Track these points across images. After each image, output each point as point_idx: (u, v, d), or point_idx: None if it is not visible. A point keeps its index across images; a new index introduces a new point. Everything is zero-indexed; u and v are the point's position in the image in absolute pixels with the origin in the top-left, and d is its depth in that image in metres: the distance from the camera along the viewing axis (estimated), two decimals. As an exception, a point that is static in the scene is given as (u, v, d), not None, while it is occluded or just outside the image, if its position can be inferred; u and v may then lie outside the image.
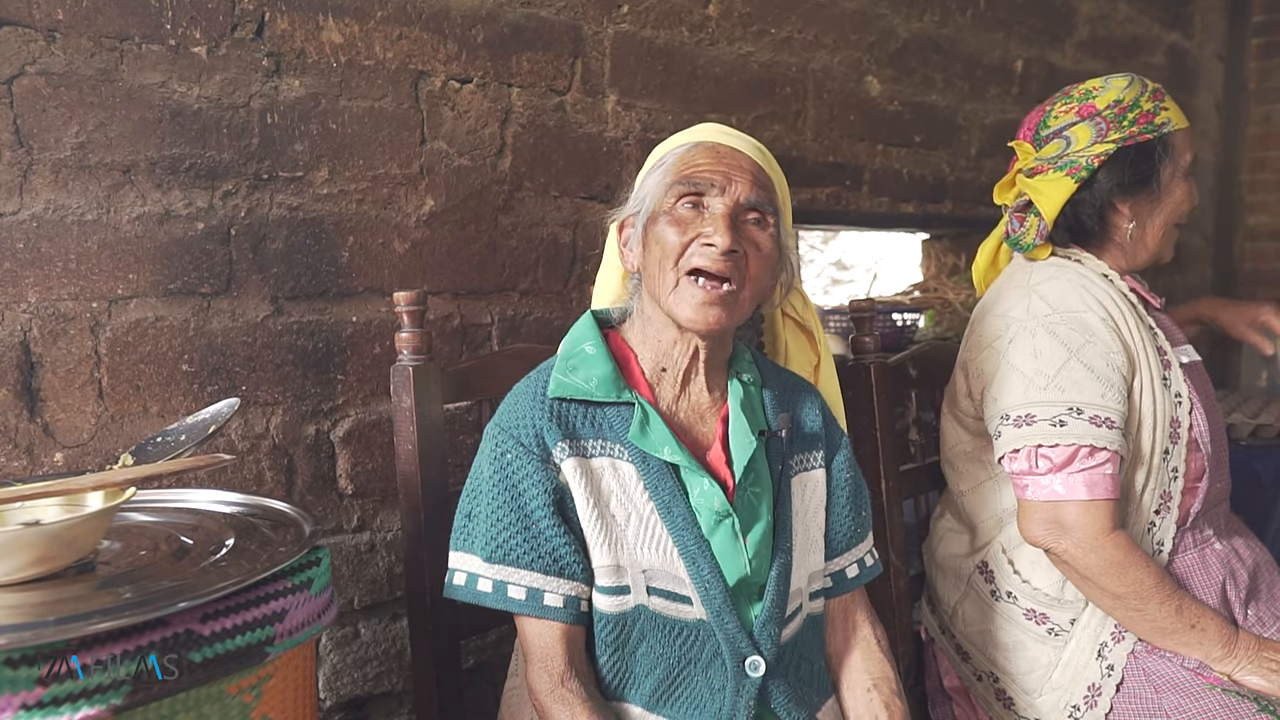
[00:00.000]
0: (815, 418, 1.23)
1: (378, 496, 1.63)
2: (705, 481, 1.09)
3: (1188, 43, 3.76)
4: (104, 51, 1.32)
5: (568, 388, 1.10)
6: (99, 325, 1.35)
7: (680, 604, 1.08)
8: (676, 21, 2.01)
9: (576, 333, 1.17)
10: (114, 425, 1.36)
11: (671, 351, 1.15)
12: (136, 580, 0.95)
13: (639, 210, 1.14)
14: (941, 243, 3.13)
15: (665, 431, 1.10)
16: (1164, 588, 1.38)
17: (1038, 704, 1.45)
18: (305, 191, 1.52)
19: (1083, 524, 1.36)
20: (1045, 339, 1.43)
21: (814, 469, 1.21)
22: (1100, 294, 1.47)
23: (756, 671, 1.09)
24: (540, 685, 1.06)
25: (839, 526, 1.22)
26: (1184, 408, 1.48)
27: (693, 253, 1.07)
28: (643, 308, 1.17)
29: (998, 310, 1.52)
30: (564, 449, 1.08)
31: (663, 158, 1.15)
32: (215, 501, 1.21)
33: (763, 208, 1.10)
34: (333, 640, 1.59)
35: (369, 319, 1.60)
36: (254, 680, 0.94)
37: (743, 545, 1.09)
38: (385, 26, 1.58)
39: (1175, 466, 1.47)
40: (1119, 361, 1.42)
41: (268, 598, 0.95)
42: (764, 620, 1.10)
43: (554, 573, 1.07)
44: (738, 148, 1.12)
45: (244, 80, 1.44)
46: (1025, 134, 1.60)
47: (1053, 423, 1.39)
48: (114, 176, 1.34)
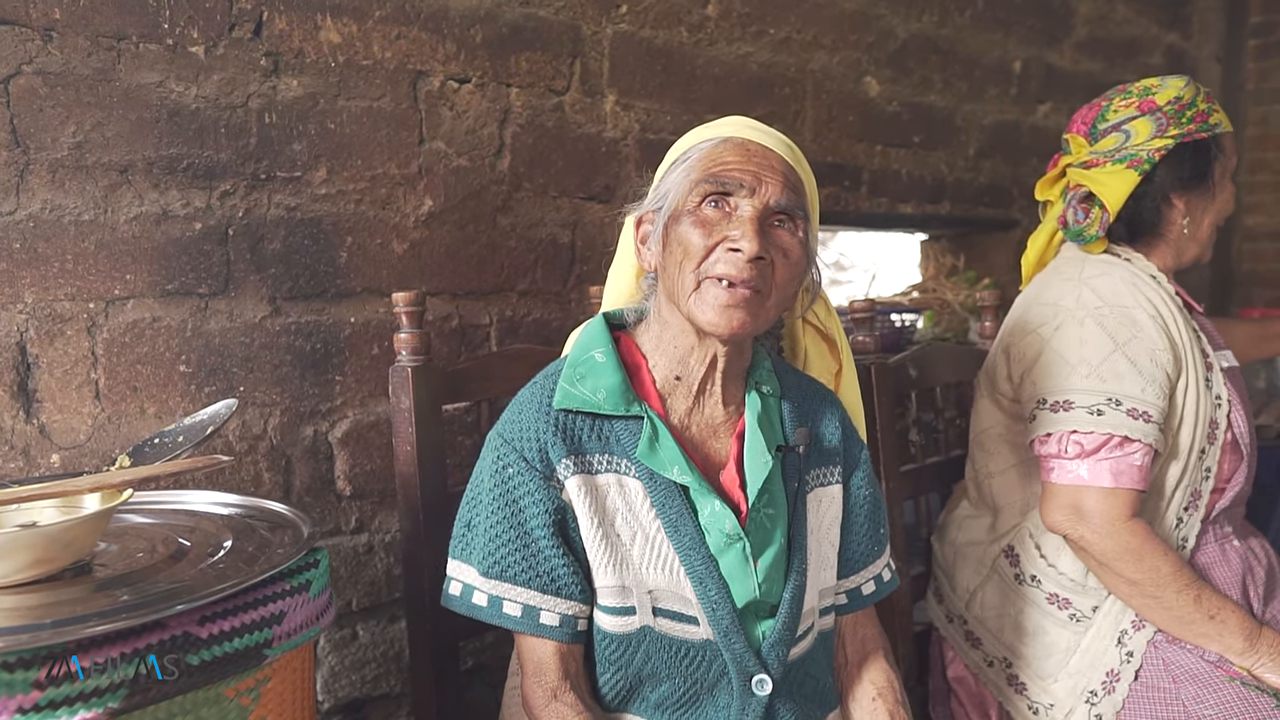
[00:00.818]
0: (835, 431, 1.18)
1: (376, 498, 1.62)
2: (715, 503, 1.05)
3: (1186, 43, 3.76)
4: (101, 51, 1.32)
5: (574, 399, 1.05)
6: (96, 326, 1.34)
7: (687, 624, 1.05)
8: (675, 22, 2.01)
9: (586, 337, 1.12)
10: (111, 426, 1.35)
11: (688, 359, 1.09)
12: (134, 582, 0.94)
13: (660, 207, 1.07)
14: (940, 243, 3.13)
15: (675, 449, 1.05)
16: (1182, 576, 1.38)
17: (1053, 689, 1.46)
18: (303, 191, 1.51)
19: (1101, 510, 1.38)
20: (1093, 329, 1.44)
21: (831, 484, 1.16)
22: (1150, 292, 1.48)
23: (763, 690, 1.06)
24: (535, 699, 1.05)
25: (856, 545, 1.18)
26: (1223, 410, 1.49)
27: (717, 258, 1.01)
28: (659, 310, 1.11)
29: (1046, 299, 1.53)
30: (568, 465, 1.04)
31: (686, 151, 1.08)
32: (213, 503, 1.21)
33: (793, 211, 1.03)
34: (331, 642, 1.59)
35: (367, 319, 1.59)
36: (252, 683, 0.93)
37: (753, 569, 1.05)
38: (383, 26, 1.58)
39: (1209, 466, 1.48)
40: (1164, 359, 1.43)
41: (266, 600, 0.94)
42: (773, 641, 1.06)
43: (551, 592, 1.04)
44: (769, 145, 1.06)
45: (242, 80, 1.44)
46: (1079, 128, 1.60)
47: (1090, 410, 1.40)
48: (111, 176, 1.34)
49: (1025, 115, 2.97)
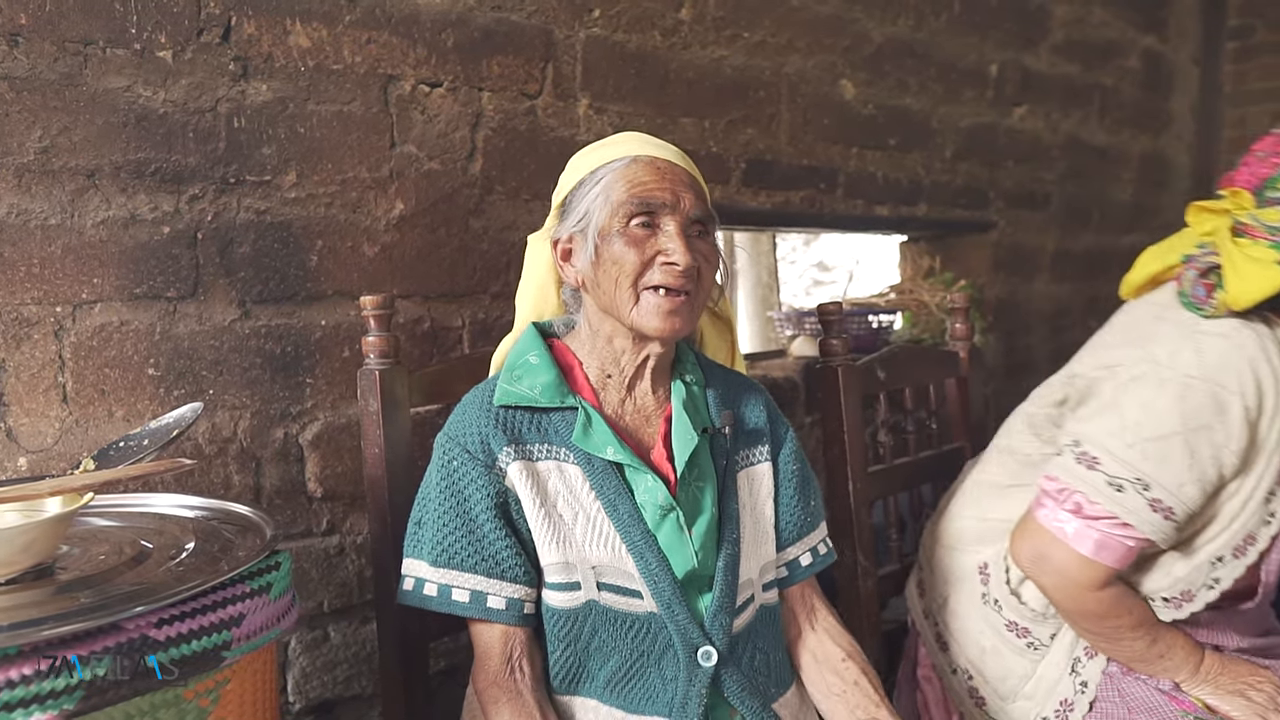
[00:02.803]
0: (759, 414, 1.26)
1: (347, 500, 1.63)
2: (649, 478, 1.13)
3: (1163, 46, 3.79)
4: (68, 56, 1.32)
5: (513, 395, 1.13)
6: (63, 329, 1.34)
7: (631, 598, 1.11)
8: (649, 25, 2.02)
9: (520, 345, 1.20)
10: (79, 430, 1.36)
11: (620, 359, 1.18)
12: (95, 585, 0.95)
13: (584, 228, 1.14)
14: (918, 245, 3.15)
15: (608, 432, 1.13)
16: (1141, 629, 1.33)
17: (1009, 709, 1.46)
18: (273, 195, 1.52)
19: (1069, 572, 1.30)
20: (1168, 400, 1.28)
21: (759, 463, 1.25)
22: (1266, 372, 1.28)
23: (709, 661, 1.11)
24: (479, 681, 1.11)
25: (788, 517, 1.25)
26: (1269, 529, 1.32)
27: (653, 271, 1.10)
28: (588, 319, 1.19)
29: (1142, 336, 1.37)
30: (509, 454, 1.11)
31: (595, 172, 1.14)
32: (178, 506, 1.21)
33: (705, 220, 1.14)
34: (302, 643, 1.59)
35: (338, 322, 1.60)
36: (211, 684, 0.94)
37: (688, 537, 1.13)
38: (354, 30, 1.58)
39: (1218, 577, 1.33)
40: (1230, 459, 1.27)
41: (225, 602, 0.95)
42: (715, 611, 1.13)
43: (497, 576, 1.10)
44: (674, 161, 1.15)
45: (210, 84, 1.44)
46: (1246, 180, 1.34)
47: (1111, 481, 1.28)
48: (78, 181, 1.34)
49: (1002, 118, 2.99)
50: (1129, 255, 1.52)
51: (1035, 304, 3.26)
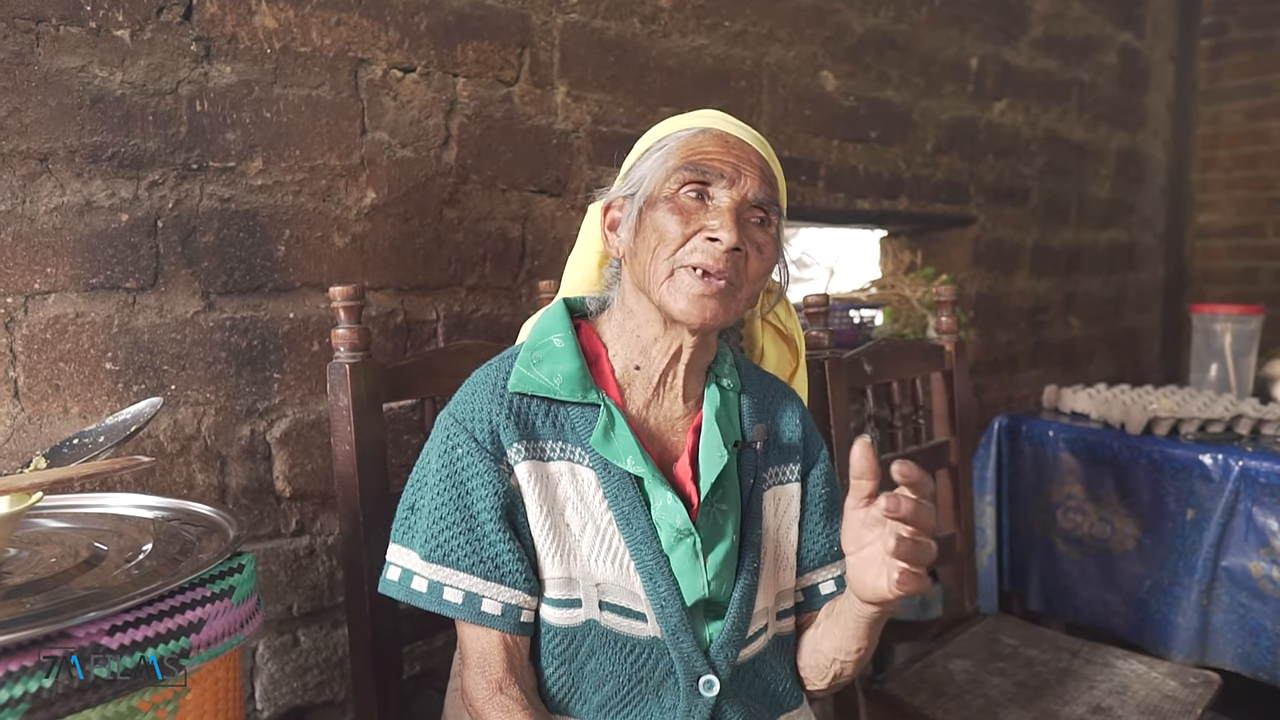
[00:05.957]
0: (795, 427, 1.16)
1: (318, 499, 1.57)
2: (668, 496, 1.02)
3: (1139, 43, 3.80)
4: (18, 33, 1.26)
5: (530, 383, 1.03)
6: (14, 322, 1.28)
7: (634, 620, 1.03)
8: (628, 12, 1.97)
9: (545, 321, 1.09)
10: (31, 427, 1.29)
11: (650, 350, 1.06)
12: (45, 589, 0.89)
13: (634, 192, 1.05)
14: (899, 240, 3.13)
15: (630, 439, 1.02)
16: None
17: None
18: (238, 183, 1.45)
19: None
20: None
21: (789, 482, 1.14)
22: None
23: (710, 691, 1.03)
24: (477, 692, 1.01)
25: (812, 544, 1.14)
26: None
27: (693, 247, 0.99)
28: (624, 299, 1.08)
29: None
30: (519, 450, 1.01)
31: (663, 139, 1.06)
32: (137, 506, 1.16)
33: (768, 207, 1.03)
34: (270, 649, 1.53)
35: (307, 315, 1.54)
36: (169, 695, 0.88)
37: (702, 566, 1.03)
38: (322, 12, 1.52)
39: None
40: None
41: (183, 607, 0.89)
42: (722, 642, 1.04)
43: (494, 579, 1.00)
44: (746, 140, 1.05)
45: (171, 65, 1.38)
46: None
47: None
48: (30, 165, 1.27)
49: (982, 112, 2.97)
50: (1106, 251, 1.50)
51: (1015, 299, 3.25)
